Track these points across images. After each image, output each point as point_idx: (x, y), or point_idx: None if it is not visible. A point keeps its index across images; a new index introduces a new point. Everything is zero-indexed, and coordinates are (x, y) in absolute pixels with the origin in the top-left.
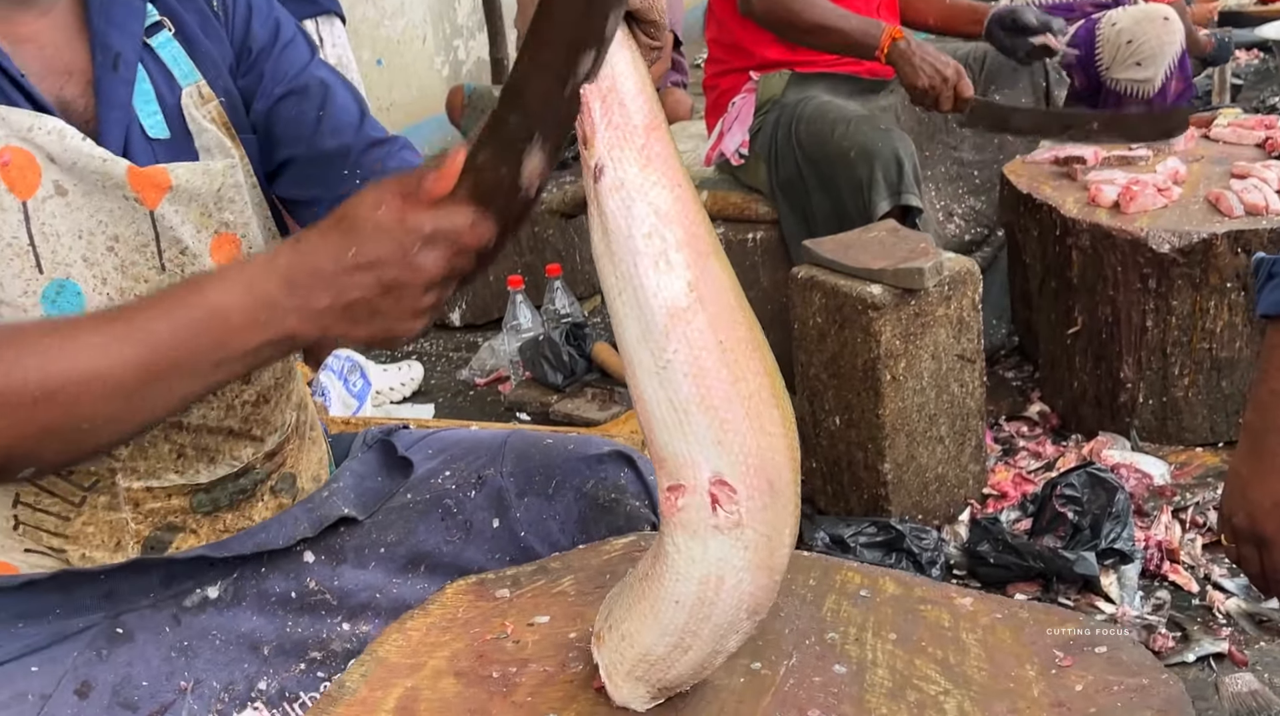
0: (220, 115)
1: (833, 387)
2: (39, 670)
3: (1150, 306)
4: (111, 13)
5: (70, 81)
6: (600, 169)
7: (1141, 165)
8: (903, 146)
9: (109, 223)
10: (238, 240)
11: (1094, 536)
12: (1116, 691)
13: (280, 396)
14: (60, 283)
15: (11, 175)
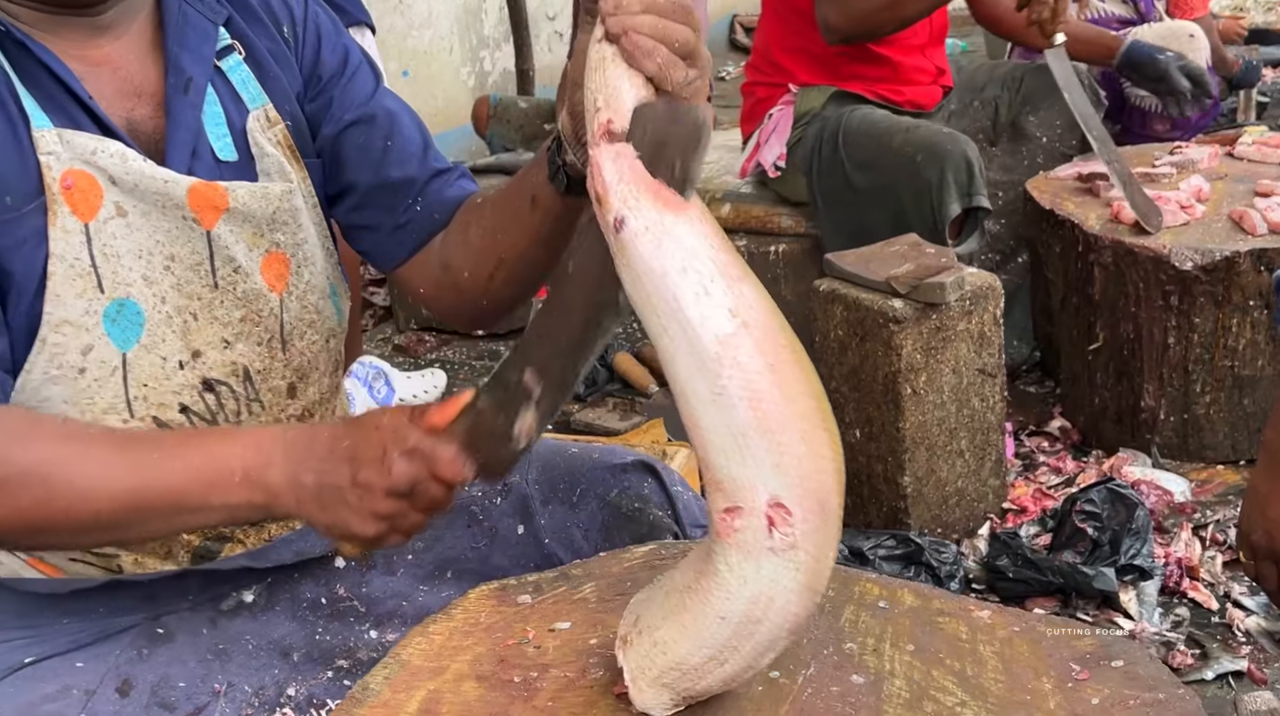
0: (285, 138)
1: (853, 401)
2: (84, 666)
3: (1172, 323)
4: (185, 37)
5: (140, 103)
6: (621, 220)
7: (1165, 182)
8: (970, 149)
9: (166, 242)
10: (287, 259)
11: (1113, 552)
12: (1133, 705)
13: (324, 411)
14: (121, 302)
15: (74, 198)
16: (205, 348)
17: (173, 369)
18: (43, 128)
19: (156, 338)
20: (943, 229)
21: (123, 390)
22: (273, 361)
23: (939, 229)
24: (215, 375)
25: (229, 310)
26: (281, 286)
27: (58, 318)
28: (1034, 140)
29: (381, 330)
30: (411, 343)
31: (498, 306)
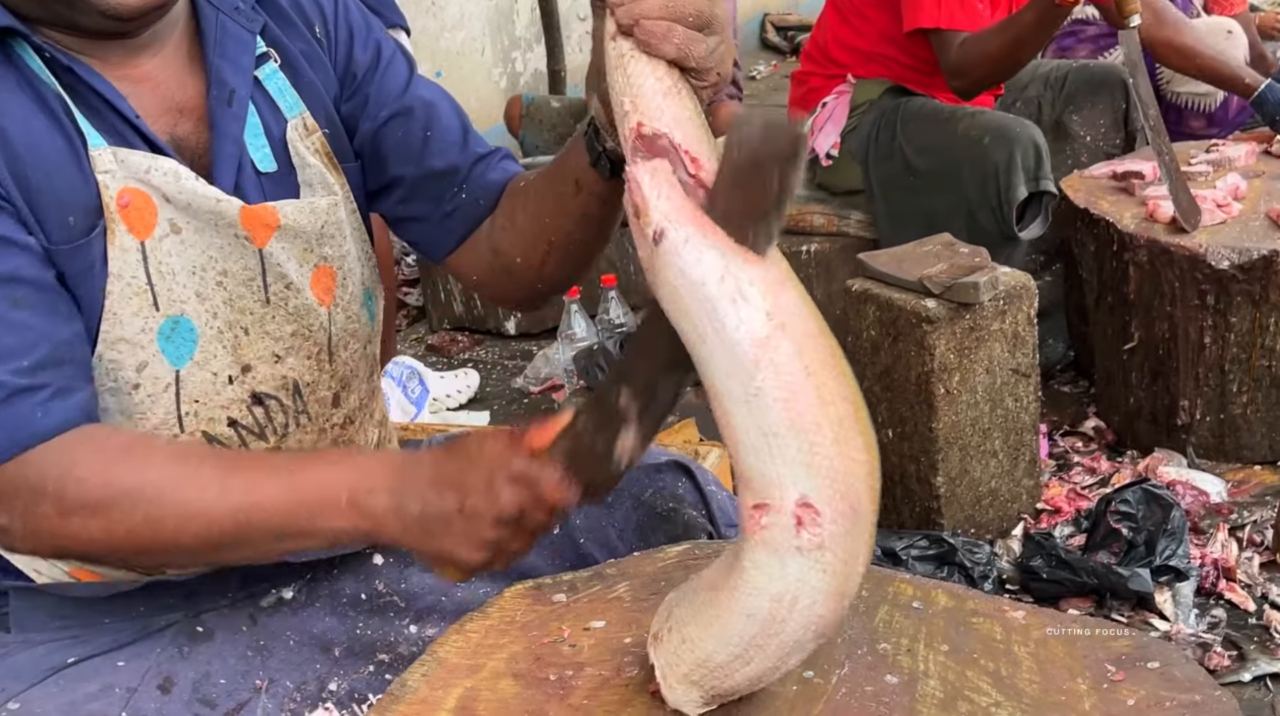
0: (323, 146)
1: (886, 401)
2: (125, 665)
3: (1208, 323)
4: (225, 47)
5: (183, 118)
6: (660, 233)
7: (1201, 181)
8: (1038, 134)
9: (219, 258)
10: (334, 273)
11: (1149, 553)
12: (1169, 707)
13: (364, 416)
14: (175, 319)
15: (131, 217)
16: (255, 362)
17: (222, 384)
18: (99, 147)
19: (209, 354)
20: (1008, 213)
21: (174, 406)
22: (320, 373)
23: (1003, 213)
24: (265, 389)
25: (280, 325)
26: (329, 299)
27: (114, 335)
28: (1078, 139)
29: (415, 330)
30: (445, 342)
31: (552, 287)
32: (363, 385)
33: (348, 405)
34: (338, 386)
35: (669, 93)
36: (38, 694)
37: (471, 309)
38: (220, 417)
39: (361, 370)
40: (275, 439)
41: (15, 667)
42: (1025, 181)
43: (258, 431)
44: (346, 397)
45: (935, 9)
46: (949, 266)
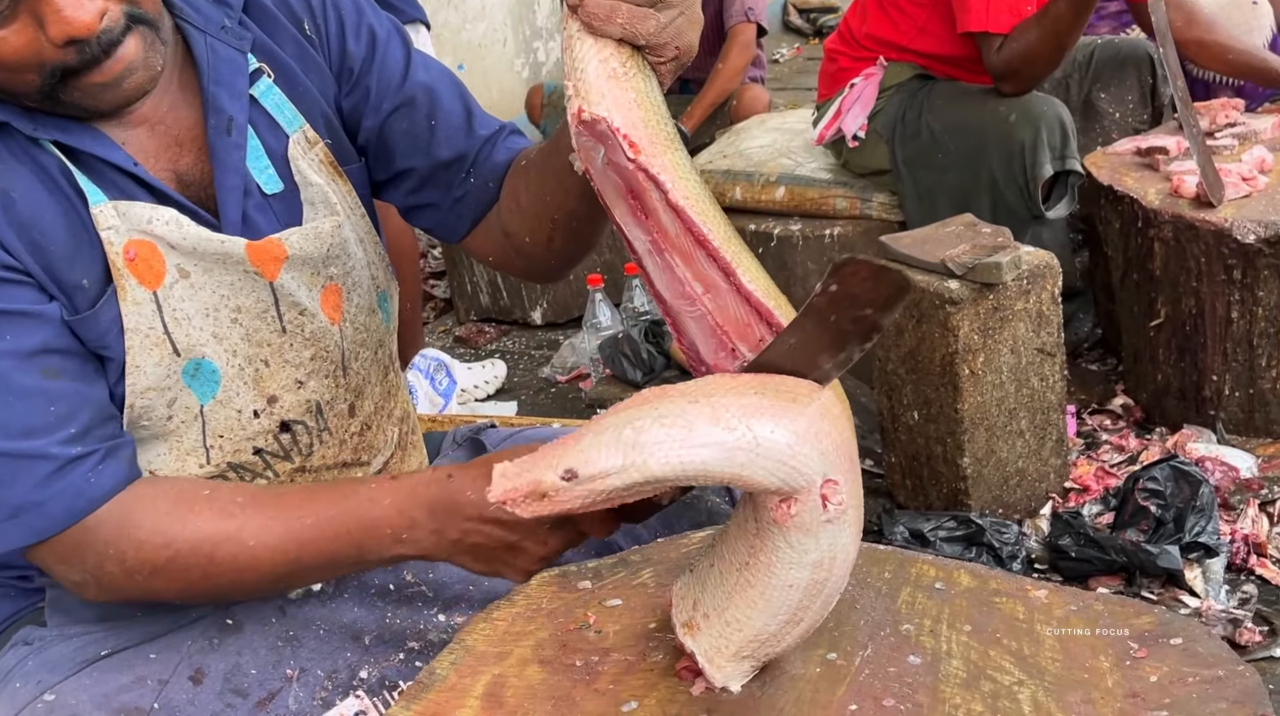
0: (326, 156)
1: (911, 382)
2: (157, 657)
3: (1235, 297)
4: (220, 73)
5: (184, 152)
6: None
7: (1226, 154)
8: (1064, 112)
9: (230, 295)
10: (340, 289)
11: (1178, 530)
12: (1192, 683)
13: (382, 418)
14: (197, 362)
15: (139, 268)
16: (280, 392)
17: (248, 419)
18: (99, 203)
19: (231, 392)
20: (1034, 191)
21: (201, 438)
22: (337, 389)
23: (1029, 191)
24: (292, 416)
25: (299, 351)
26: (339, 316)
27: (141, 386)
28: (1106, 116)
29: (442, 322)
30: (472, 333)
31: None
32: (376, 389)
33: (363, 412)
34: (352, 397)
35: (613, 75)
36: (71, 685)
37: (498, 300)
38: (246, 448)
39: (374, 375)
40: (300, 459)
41: (50, 660)
42: (1051, 160)
43: (283, 454)
44: (361, 405)
45: (984, 12)
46: (971, 247)
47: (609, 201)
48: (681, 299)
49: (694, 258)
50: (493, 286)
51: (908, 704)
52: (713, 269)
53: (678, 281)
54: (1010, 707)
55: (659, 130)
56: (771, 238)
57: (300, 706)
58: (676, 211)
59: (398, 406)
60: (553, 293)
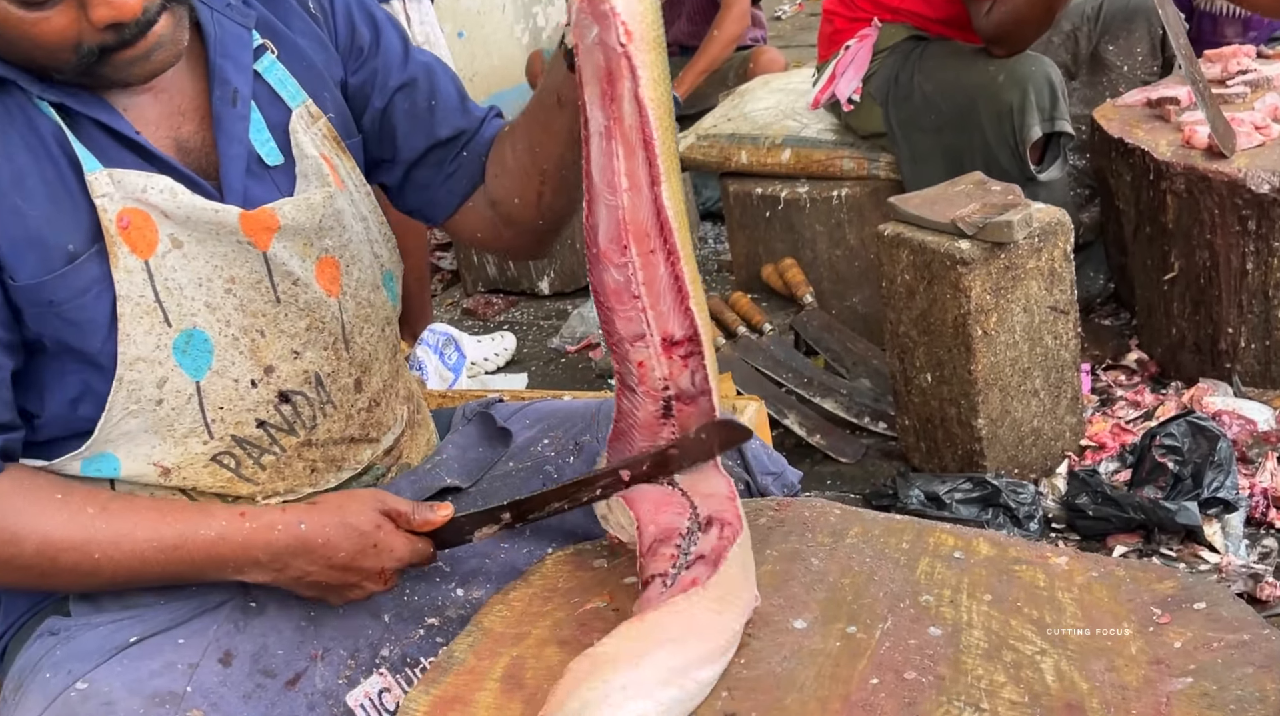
0: (329, 130)
1: (923, 344)
2: (185, 642)
3: (1250, 248)
4: (226, 46)
5: (186, 120)
6: None
7: (1238, 103)
8: (1053, 71)
9: (224, 266)
10: (337, 262)
11: (1196, 486)
12: (1216, 648)
13: (390, 396)
14: (189, 333)
15: (132, 237)
16: (276, 362)
17: (245, 389)
18: (94, 170)
19: (226, 362)
20: (1023, 153)
21: (200, 415)
22: (339, 362)
23: (1019, 153)
24: (290, 386)
25: (294, 322)
26: (336, 289)
27: (131, 355)
28: (1115, 69)
29: (450, 294)
30: (480, 305)
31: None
32: (384, 367)
33: (370, 388)
34: (358, 372)
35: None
36: (103, 673)
37: (505, 271)
38: (248, 420)
39: (381, 352)
40: (305, 432)
41: (79, 649)
42: (1040, 121)
43: (287, 428)
44: (368, 381)
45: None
46: (981, 206)
47: (585, 79)
48: (607, 186)
49: (635, 154)
50: (499, 257)
51: (929, 676)
52: (644, 171)
53: (611, 170)
54: (1033, 677)
55: (651, 31)
56: (779, 200)
57: (326, 685)
58: (640, 106)
59: (403, 386)
60: (560, 262)
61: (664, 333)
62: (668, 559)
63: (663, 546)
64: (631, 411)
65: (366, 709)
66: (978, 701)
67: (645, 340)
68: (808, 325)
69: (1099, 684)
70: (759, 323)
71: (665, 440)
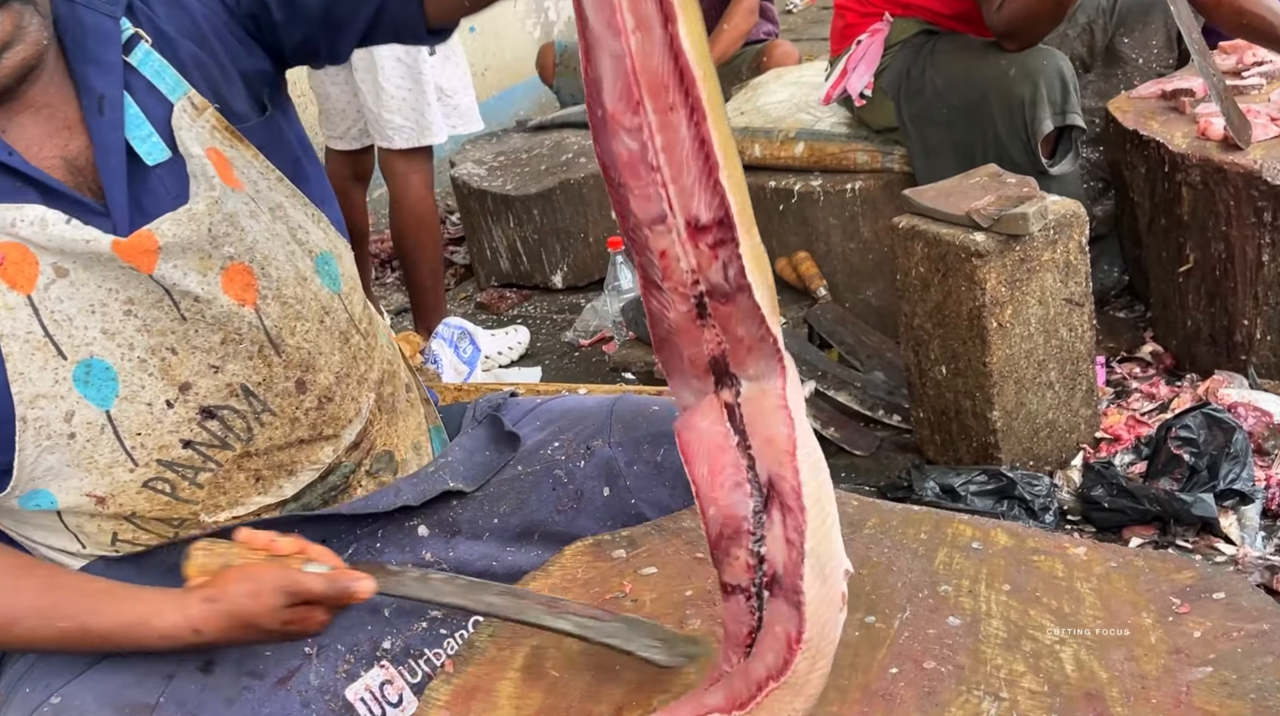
0: (219, 121)
1: (938, 337)
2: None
3: (1266, 240)
4: (87, 49)
5: (72, 135)
6: None
7: (1254, 94)
8: (1065, 64)
9: (118, 288)
10: (248, 268)
11: (1212, 478)
12: (1236, 637)
13: (346, 387)
14: (87, 363)
15: (9, 272)
16: (194, 378)
17: (161, 411)
18: None
19: (135, 386)
20: (1035, 147)
21: (118, 443)
22: (270, 369)
23: (1031, 147)
24: (213, 402)
25: (206, 337)
26: (252, 295)
27: (29, 393)
28: (1130, 62)
29: (463, 288)
30: (493, 299)
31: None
32: (332, 358)
33: (318, 386)
34: (298, 372)
35: None
36: (76, 687)
37: (518, 265)
38: (171, 442)
39: (325, 344)
40: (240, 445)
41: (56, 664)
42: (1052, 115)
43: (218, 442)
44: (314, 379)
45: None
46: (996, 198)
47: None
48: (608, 28)
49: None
50: (512, 251)
51: (949, 665)
52: (653, 5)
53: (611, 6)
54: (1052, 667)
55: None
56: (792, 194)
57: (323, 681)
58: None
59: (373, 369)
60: (573, 256)
61: (688, 214)
62: (744, 570)
63: (734, 546)
64: (663, 313)
65: (367, 701)
66: (997, 691)
67: (667, 223)
68: (822, 318)
69: (1118, 673)
70: None
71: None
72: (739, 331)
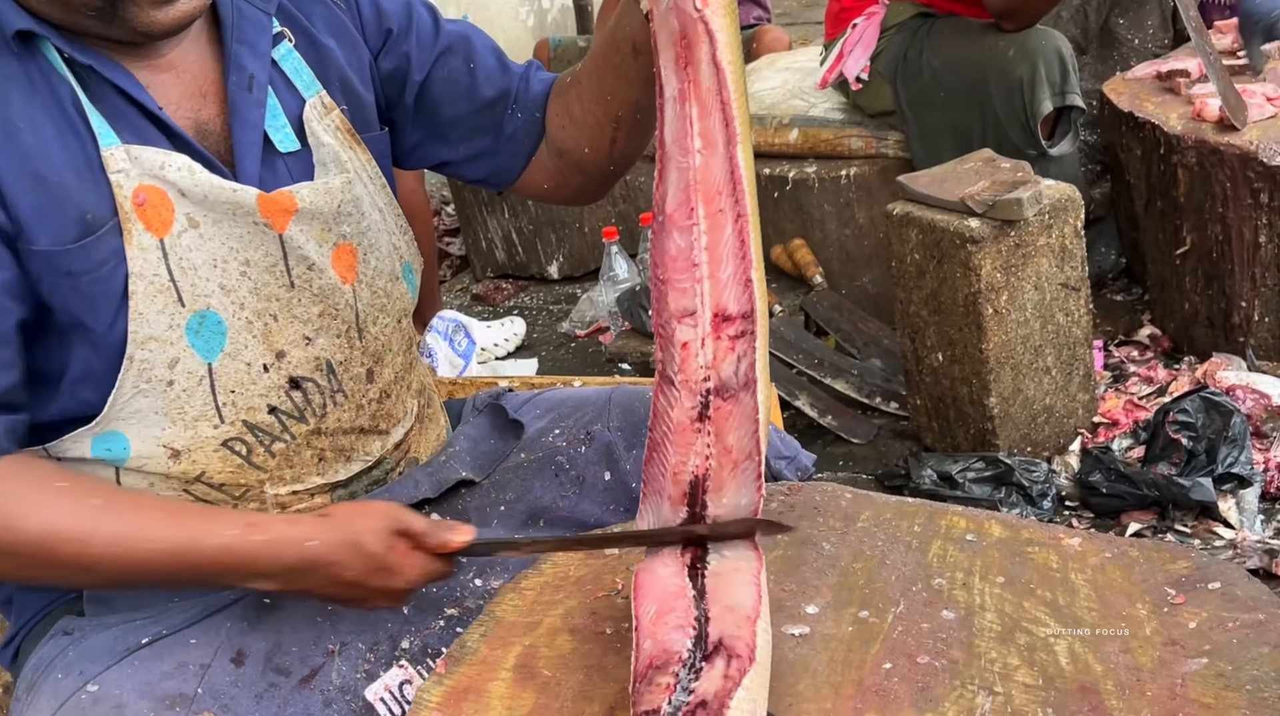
0: (343, 123)
1: (934, 324)
2: (197, 642)
3: (1263, 221)
4: (244, 32)
5: (205, 103)
6: None
7: (1249, 74)
8: (1064, 44)
9: (239, 248)
10: (354, 249)
11: (1210, 461)
12: (1231, 627)
13: (401, 388)
14: (202, 313)
15: (148, 214)
16: (288, 347)
17: (258, 373)
18: (110, 146)
19: (239, 345)
20: (1034, 128)
21: (211, 398)
22: (351, 351)
23: (1030, 128)
24: (300, 373)
25: (307, 307)
26: (352, 276)
27: (143, 334)
28: (1125, 43)
29: (459, 280)
30: (489, 291)
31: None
32: (397, 358)
33: (382, 380)
34: (370, 362)
35: None
36: (114, 675)
37: (514, 255)
38: (260, 405)
39: (395, 343)
40: (315, 420)
41: (91, 650)
42: (1051, 95)
43: (297, 415)
44: (380, 372)
45: None
46: (990, 183)
47: (660, 44)
48: (679, 149)
49: (710, 115)
50: (508, 242)
51: (943, 659)
52: (721, 131)
53: (685, 132)
54: (1047, 660)
55: None
56: (786, 181)
57: (344, 680)
58: (717, 68)
59: (415, 380)
60: (569, 246)
61: (717, 306)
62: (663, 691)
63: (659, 674)
64: (666, 411)
65: (387, 701)
66: (991, 684)
67: (695, 317)
68: (818, 306)
69: (1113, 666)
70: (769, 304)
71: (698, 455)
72: (729, 440)
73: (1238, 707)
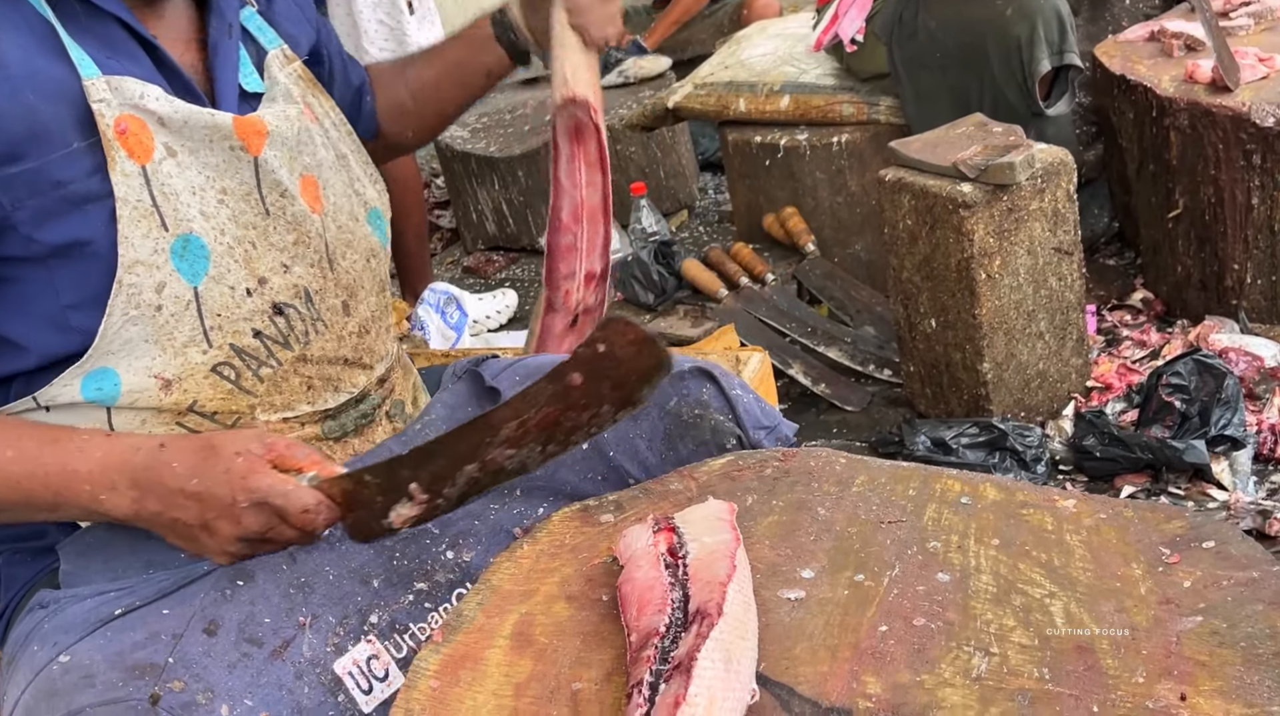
0: (305, 73)
1: (927, 290)
2: (170, 612)
3: (1255, 183)
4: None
5: (188, 49)
6: None
7: (1242, 35)
8: (1062, 4)
9: (215, 177)
10: (316, 181)
11: (1203, 424)
12: (1226, 586)
13: (379, 327)
14: (185, 237)
15: (129, 142)
16: (268, 273)
17: (241, 297)
18: (91, 76)
19: (223, 268)
20: (1031, 87)
21: (199, 322)
22: (325, 281)
23: (1028, 87)
24: (282, 298)
25: (282, 234)
26: (319, 207)
27: (130, 259)
28: (1117, 4)
29: (450, 253)
30: (480, 263)
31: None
32: (370, 298)
33: (359, 314)
34: (345, 294)
35: (589, 67)
36: (86, 645)
37: (504, 227)
38: (245, 329)
39: (367, 282)
40: (299, 347)
41: (65, 622)
42: (1049, 55)
43: (282, 340)
44: (355, 307)
45: None
46: (983, 148)
47: (559, 128)
48: (572, 185)
49: (594, 168)
50: (499, 214)
51: (938, 622)
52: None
53: (575, 178)
54: (1043, 620)
55: (601, 96)
56: (778, 148)
57: (314, 652)
58: (599, 143)
59: (391, 325)
60: None
61: (589, 271)
62: (644, 664)
63: (644, 651)
64: (551, 326)
65: (355, 676)
66: (987, 645)
67: (574, 277)
68: (810, 274)
69: (1109, 625)
70: (761, 273)
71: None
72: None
73: (1232, 664)
